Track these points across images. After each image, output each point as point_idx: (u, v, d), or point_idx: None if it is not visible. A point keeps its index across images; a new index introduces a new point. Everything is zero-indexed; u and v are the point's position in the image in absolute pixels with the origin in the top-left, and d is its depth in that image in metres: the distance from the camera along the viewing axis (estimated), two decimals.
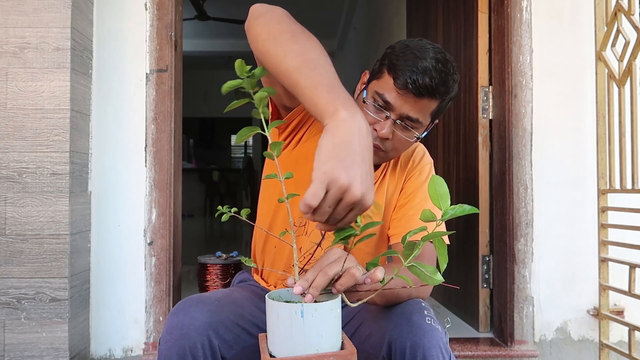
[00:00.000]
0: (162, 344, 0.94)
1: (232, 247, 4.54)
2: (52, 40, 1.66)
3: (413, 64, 1.01)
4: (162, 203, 1.85)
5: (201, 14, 6.04)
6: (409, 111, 1.04)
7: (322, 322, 0.73)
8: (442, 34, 2.65)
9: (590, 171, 1.93)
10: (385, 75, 1.06)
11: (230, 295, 1.09)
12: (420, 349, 0.90)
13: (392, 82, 1.03)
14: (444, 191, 0.71)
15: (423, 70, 1.00)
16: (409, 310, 0.95)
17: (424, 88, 1.01)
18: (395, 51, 1.06)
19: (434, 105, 1.06)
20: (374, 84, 1.08)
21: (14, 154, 1.64)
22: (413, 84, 1.01)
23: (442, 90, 1.03)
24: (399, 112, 1.05)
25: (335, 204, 0.68)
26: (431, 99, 1.04)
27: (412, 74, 1.01)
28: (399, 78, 1.02)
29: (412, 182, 1.18)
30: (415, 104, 1.04)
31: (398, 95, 1.03)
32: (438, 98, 1.04)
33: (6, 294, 1.63)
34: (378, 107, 1.06)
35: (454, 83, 1.06)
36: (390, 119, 1.05)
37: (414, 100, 1.03)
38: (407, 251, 0.74)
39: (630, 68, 1.74)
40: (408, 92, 1.02)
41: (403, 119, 1.05)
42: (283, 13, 0.91)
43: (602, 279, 1.85)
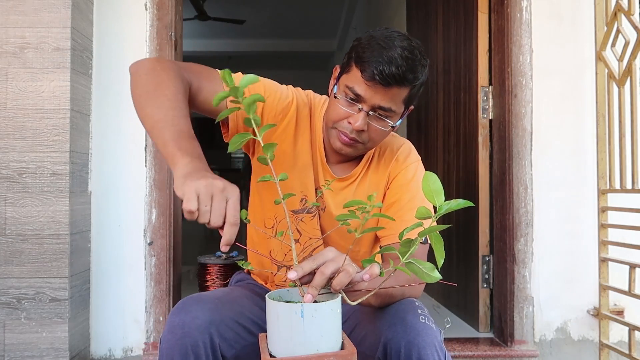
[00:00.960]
0: (163, 343, 0.94)
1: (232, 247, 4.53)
2: (52, 40, 1.66)
3: (379, 55, 1.01)
4: (162, 203, 1.85)
5: (201, 14, 6.04)
6: (380, 101, 1.05)
7: (322, 322, 0.73)
8: (442, 34, 2.65)
9: (590, 171, 1.93)
10: (353, 69, 1.06)
11: (230, 293, 1.09)
12: (415, 349, 0.90)
13: (360, 74, 1.04)
14: (438, 187, 0.71)
15: (389, 60, 1.01)
16: (403, 310, 0.96)
17: (391, 77, 1.01)
18: (361, 43, 1.06)
19: (404, 92, 1.06)
20: (344, 78, 1.09)
21: (14, 154, 1.64)
22: (380, 74, 1.01)
23: (410, 77, 1.03)
24: (370, 103, 1.05)
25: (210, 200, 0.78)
26: (400, 87, 1.04)
27: (378, 65, 1.01)
28: (366, 70, 1.02)
29: (397, 182, 1.17)
30: (386, 94, 1.04)
31: (367, 87, 1.04)
32: (407, 85, 1.04)
33: (6, 294, 1.63)
34: (350, 101, 1.07)
35: (422, 68, 1.06)
36: (362, 111, 1.06)
37: (384, 90, 1.03)
38: (403, 249, 0.74)
39: (630, 68, 1.74)
40: (376, 83, 1.02)
41: (375, 110, 1.06)
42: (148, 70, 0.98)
43: (602, 279, 1.85)
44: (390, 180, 1.18)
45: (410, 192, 1.15)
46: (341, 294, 0.79)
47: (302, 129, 1.16)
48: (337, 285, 0.78)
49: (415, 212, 0.71)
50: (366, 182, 1.18)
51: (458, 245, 2.36)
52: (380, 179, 1.18)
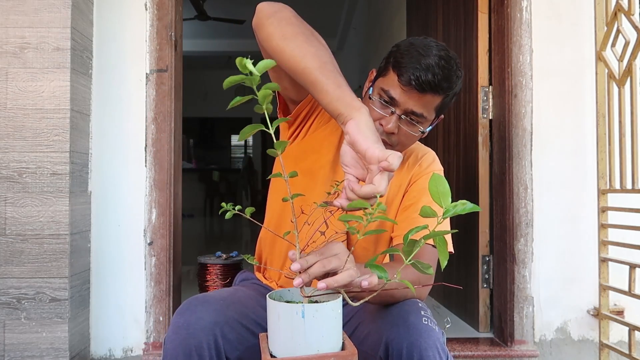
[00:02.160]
0: (167, 344, 0.94)
1: (232, 247, 4.55)
2: (52, 40, 1.65)
3: (417, 61, 1.05)
4: (162, 203, 1.85)
5: (201, 14, 6.05)
6: (413, 106, 1.08)
7: (323, 323, 0.73)
8: (442, 34, 2.65)
9: (590, 171, 1.93)
10: (390, 73, 1.09)
11: (235, 294, 1.09)
12: (416, 350, 0.90)
13: (397, 78, 1.07)
14: (445, 189, 0.71)
15: (426, 67, 1.04)
16: (406, 311, 0.96)
17: (427, 84, 1.05)
18: (400, 49, 1.10)
19: (437, 100, 1.09)
20: (379, 81, 1.12)
21: (14, 154, 1.64)
22: (416, 80, 1.04)
23: (445, 86, 1.06)
24: (404, 107, 1.08)
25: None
26: (434, 95, 1.07)
27: (415, 71, 1.04)
28: (403, 75, 1.06)
29: (417, 185, 1.20)
30: (419, 100, 1.07)
31: (402, 92, 1.07)
32: (441, 94, 1.08)
33: (6, 294, 1.63)
34: (384, 103, 1.10)
35: (457, 79, 1.09)
36: (395, 114, 1.09)
37: (418, 95, 1.06)
38: (407, 248, 0.74)
39: (630, 68, 1.74)
40: (412, 88, 1.05)
41: (408, 114, 1.09)
42: (292, 14, 0.97)
43: (602, 279, 1.85)
44: (410, 183, 1.21)
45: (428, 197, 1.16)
46: (342, 295, 0.79)
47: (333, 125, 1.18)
48: (335, 283, 0.78)
49: (420, 211, 0.72)
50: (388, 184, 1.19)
51: (458, 245, 2.35)
52: (402, 182, 1.20)
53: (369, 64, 5.96)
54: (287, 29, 0.93)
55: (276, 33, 0.93)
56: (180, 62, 2.00)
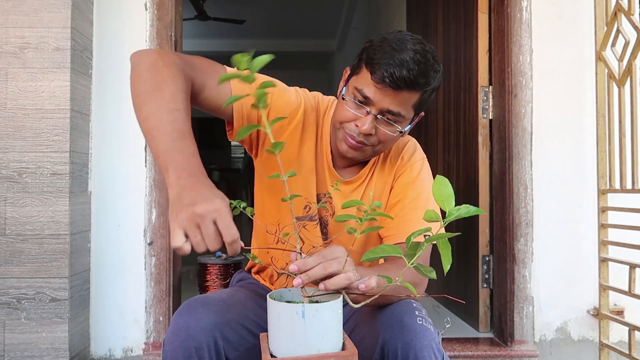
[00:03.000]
0: (167, 345, 0.93)
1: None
2: (52, 40, 1.65)
3: (390, 57, 0.99)
4: (162, 203, 1.85)
5: (201, 14, 6.04)
6: (389, 105, 1.02)
7: (323, 323, 0.73)
8: (442, 34, 2.65)
9: (590, 171, 1.93)
10: (363, 70, 1.04)
11: (235, 295, 1.09)
12: (412, 350, 0.90)
13: (370, 76, 1.01)
14: (449, 192, 0.71)
15: (400, 62, 0.98)
16: (400, 312, 0.95)
17: (402, 81, 0.99)
18: (373, 45, 1.04)
19: (414, 97, 1.04)
20: (353, 80, 1.07)
21: (14, 154, 1.64)
22: (390, 77, 0.99)
23: (421, 82, 1.01)
24: (379, 106, 1.03)
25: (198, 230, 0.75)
26: (411, 92, 1.02)
27: (388, 67, 0.99)
28: (376, 72, 1.00)
29: (402, 180, 1.16)
30: (395, 98, 1.02)
31: (376, 90, 1.01)
32: (418, 90, 1.02)
33: (6, 294, 1.63)
34: (358, 103, 1.05)
35: (435, 73, 1.04)
36: (371, 114, 1.03)
37: (393, 93, 1.01)
38: (410, 251, 0.74)
39: (630, 68, 1.74)
40: (386, 85, 1.00)
41: (384, 113, 1.04)
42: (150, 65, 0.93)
43: (602, 279, 1.85)
44: (395, 178, 1.17)
45: (414, 191, 1.13)
46: (343, 295, 0.79)
47: (308, 135, 1.13)
48: (332, 286, 0.78)
49: (424, 215, 0.71)
50: (373, 183, 1.17)
51: (458, 245, 2.36)
52: (387, 179, 1.17)
53: None
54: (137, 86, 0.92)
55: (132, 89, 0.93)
56: None
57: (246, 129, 0.74)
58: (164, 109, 0.87)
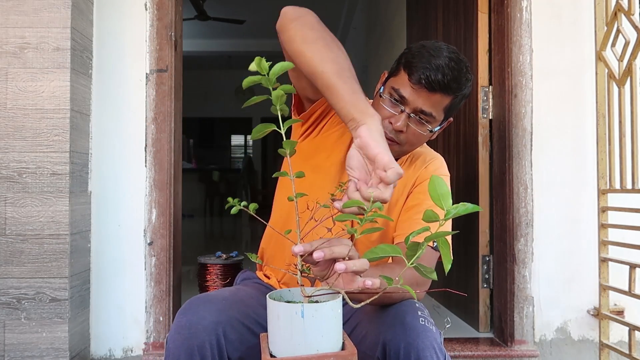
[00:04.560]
0: (169, 343, 0.94)
1: (232, 247, 4.54)
2: (52, 40, 1.65)
3: (427, 61, 1.08)
4: (162, 203, 1.85)
5: (201, 14, 6.05)
6: (423, 105, 1.10)
7: (322, 322, 0.73)
8: (442, 34, 2.65)
9: (590, 171, 1.93)
10: (401, 72, 1.13)
11: (237, 294, 1.10)
12: (414, 350, 0.90)
13: (407, 77, 1.10)
14: (445, 191, 0.71)
15: (436, 67, 1.07)
16: (403, 311, 0.96)
17: (437, 83, 1.07)
18: (411, 50, 1.13)
19: (446, 101, 1.11)
20: (391, 81, 1.15)
21: (14, 154, 1.64)
22: (426, 79, 1.07)
23: (454, 86, 1.09)
24: (413, 106, 1.11)
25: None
26: (444, 95, 1.10)
27: (425, 70, 1.08)
28: (414, 74, 1.09)
29: (422, 187, 1.21)
30: (429, 99, 1.10)
31: (412, 90, 1.10)
32: (450, 94, 1.10)
33: (6, 294, 1.63)
34: (394, 102, 1.13)
35: (466, 81, 1.12)
36: (404, 113, 1.11)
37: (427, 95, 1.09)
38: (410, 252, 0.74)
39: (630, 68, 1.74)
40: (421, 87, 1.09)
41: (417, 113, 1.11)
42: (315, 19, 1.02)
43: (602, 279, 1.85)
44: (415, 184, 1.22)
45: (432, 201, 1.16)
46: (342, 295, 0.79)
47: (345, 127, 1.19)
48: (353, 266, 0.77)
49: (423, 215, 0.72)
50: None
51: (458, 245, 2.36)
52: (407, 182, 1.21)
53: (369, 64, 5.96)
54: (309, 33, 0.97)
55: (297, 36, 0.97)
56: (180, 62, 2.00)
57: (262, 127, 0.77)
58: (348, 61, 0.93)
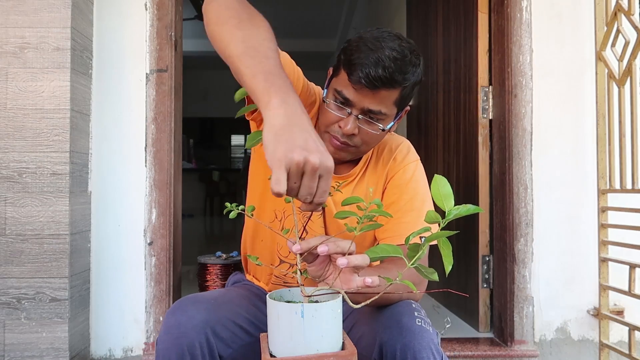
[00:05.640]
0: (159, 344, 0.94)
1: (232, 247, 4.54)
2: (52, 40, 1.65)
3: (365, 57, 0.99)
4: (162, 203, 1.85)
5: (201, 14, 6.04)
6: (369, 104, 1.03)
7: (322, 322, 0.73)
8: (442, 34, 2.65)
9: (590, 171, 1.93)
10: (341, 72, 1.04)
11: (226, 294, 1.09)
12: (410, 351, 0.90)
13: (347, 78, 1.02)
14: (447, 191, 0.71)
15: (375, 62, 0.98)
16: (399, 312, 0.95)
17: (378, 80, 0.99)
18: (350, 45, 1.04)
19: (394, 94, 1.03)
20: (333, 82, 1.08)
21: (14, 154, 1.64)
22: (366, 77, 0.98)
23: (399, 78, 1.00)
24: (359, 106, 1.03)
25: (300, 178, 0.70)
26: (389, 89, 1.01)
27: (364, 67, 0.98)
28: (353, 74, 1.00)
29: (395, 182, 1.15)
30: (374, 97, 1.02)
31: (355, 91, 1.02)
32: (397, 87, 1.02)
33: (6, 294, 1.63)
34: (339, 105, 1.05)
35: (413, 68, 1.02)
36: (352, 115, 1.04)
37: (372, 93, 1.01)
38: (411, 253, 0.74)
39: (630, 68, 1.74)
40: (363, 86, 1.00)
41: (365, 113, 1.04)
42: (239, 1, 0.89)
43: (602, 279, 1.85)
44: (387, 179, 1.17)
45: (408, 193, 1.13)
46: (342, 295, 0.79)
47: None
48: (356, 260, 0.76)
49: (425, 217, 0.71)
50: (364, 181, 1.18)
51: (458, 245, 2.36)
52: (378, 178, 1.17)
53: None
54: (223, 13, 0.86)
55: (212, 19, 0.87)
56: (180, 62, 2.00)
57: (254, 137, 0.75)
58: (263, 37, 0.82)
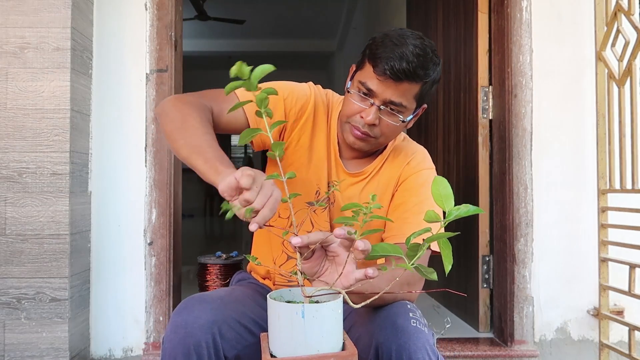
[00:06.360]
0: (166, 343, 0.94)
1: (232, 247, 4.54)
2: (52, 40, 1.65)
3: (391, 51, 1.06)
4: (162, 203, 1.85)
5: (201, 14, 6.05)
6: (392, 96, 1.09)
7: (323, 323, 0.73)
8: (442, 34, 2.65)
9: (590, 171, 1.93)
10: (366, 65, 1.11)
11: (232, 293, 1.10)
12: (405, 352, 0.90)
13: (372, 69, 1.09)
14: (448, 192, 0.71)
15: (400, 55, 1.05)
16: (394, 313, 0.96)
17: (402, 72, 1.06)
18: (375, 41, 1.11)
19: (415, 88, 1.10)
20: (358, 75, 1.14)
21: (14, 154, 1.64)
22: (391, 69, 1.06)
23: (421, 73, 1.07)
24: (382, 97, 1.10)
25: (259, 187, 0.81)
26: (411, 83, 1.08)
27: (389, 60, 1.06)
28: (378, 65, 1.07)
29: (407, 185, 1.19)
30: (397, 89, 1.08)
31: (379, 82, 1.09)
32: (418, 81, 1.09)
33: (6, 294, 1.63)
34: (362, 96, 1.12)
35: (434, 66, 1.10)
36: (374, 106, 1.10)
37: (395, 85, 1.08)
38: (411, 252, 0.74)
39: (630, 68, 1.74)
40: (387, 77, 1.07)
41: (387, 104, 1.10)
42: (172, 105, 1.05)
43: (602, 279, 1.85)
44: (399, 182, 1.21)
45: (418, 197, 1.16)
46: (343, 295, 0.79)
47: (319, 126, 1.21)
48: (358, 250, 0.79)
49: (425, 215, 0.71)
50: (376, 180, 1.21)
51: (458, 245, 2.36)
52: (390, 179, 1.21)
53: None
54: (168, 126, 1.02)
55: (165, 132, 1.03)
56: (180, 62, 2.00)
57: (249, 132, 0.79)
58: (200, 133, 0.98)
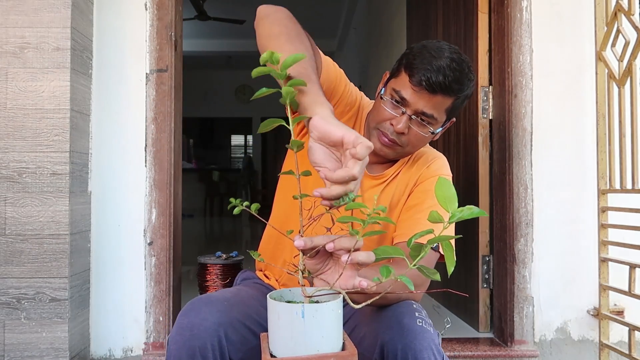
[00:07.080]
0: (171, 344, 0.94)
1: (232, 247, 4.54)
2: (52, 40, 1.65)
3: (428, 63, 1.07)
4: (162, 203, 1.85)
5: (201, 14, 6.05)
6: (424, 107, 1.10)
7: (322, 323, 0.73)
8: (442, 34, 2.65)
9: (590, 171, 1.93)
10: (402, 74, 1.12)
11: (238, 294, 1.09)
12: (411, 352, 0.90)
13: (408, 79, 1.09)
14: (451, 193, 0.71)
15: (437, 68, 1.06)
16: (400, 313, 0.96)
17: (437, 85, 1.07)
18: (412, 51, 1.12)
19: (448, 102, 1.11)
20: (392, 82, 1.15)
21: (14, 154, 1.64)
22: (427, 81, 1.07)
23: (455, 87, 1.08)
24: (414, 107, 1.10)
25: None
26: (445, 96, 1.09)
27: (426, 72, 1.07)
28: (414, 75, 1.08)
29: (423, 187, 1.20)
30: (430, 100, 1.09)
31: (413, 92, 1.09)
32: (452, 95, 1.10)
33: (6, 294, 1.63)
34: (395, 103, 1.12)
35: (468, 82, 1.11)
36: (406, 115, 1.11)
37: (429, 96, 1.09)
38: (413, 253, 0.74)
39: (630, 68, 1.74)
40: (422, 88, 1.08)
41: (418, 115, 1.11)
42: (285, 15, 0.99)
43: (602, 279, 1.85)
44: (416, 184, 1.22)
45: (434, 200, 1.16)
46: (343, 295, 0.79)
47: (356, 127, 1.22)
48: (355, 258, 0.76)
49: (429, 216, 0.71)
50: (395, 183, 1.22)
51: (458, 245, 2.35)
52: (408, 181, 1.22)
53: (369, 64, 5.96)
54: (275, 29, 0.96)
55: (264, 32, 0.96)
56: (180, 62, 2.00)
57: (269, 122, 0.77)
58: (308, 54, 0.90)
